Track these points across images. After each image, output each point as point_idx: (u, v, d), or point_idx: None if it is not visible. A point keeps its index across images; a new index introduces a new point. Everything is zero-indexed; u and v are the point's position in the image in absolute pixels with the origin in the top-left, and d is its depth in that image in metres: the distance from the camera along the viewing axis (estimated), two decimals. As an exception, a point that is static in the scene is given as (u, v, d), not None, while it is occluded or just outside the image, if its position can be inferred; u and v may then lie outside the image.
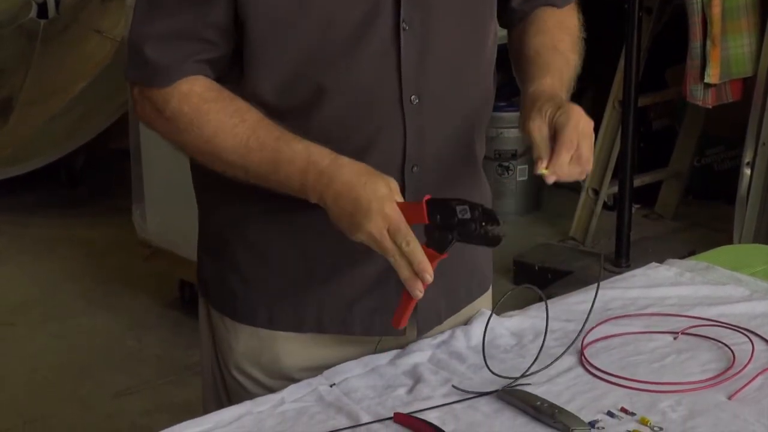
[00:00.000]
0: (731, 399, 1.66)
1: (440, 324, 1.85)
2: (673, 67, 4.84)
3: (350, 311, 1.77)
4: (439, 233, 1.58)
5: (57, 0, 5.81)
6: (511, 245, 4.64)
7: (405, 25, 1.68)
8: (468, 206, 1.56)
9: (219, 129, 1.65)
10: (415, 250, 1.56)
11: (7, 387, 3.87)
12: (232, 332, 1.82)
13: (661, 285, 2.05)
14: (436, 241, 1.58)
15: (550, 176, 1.62)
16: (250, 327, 1.80)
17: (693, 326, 1.87)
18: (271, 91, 1.68)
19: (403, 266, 1.57)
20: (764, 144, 4.32)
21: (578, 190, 4.87)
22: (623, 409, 1.63)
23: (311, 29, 1.65)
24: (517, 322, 1.89)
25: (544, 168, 1.62)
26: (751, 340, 1.82)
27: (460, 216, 1.56)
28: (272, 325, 1.79)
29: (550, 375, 1.73)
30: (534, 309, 1.95)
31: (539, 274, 4.38)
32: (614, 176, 4.55)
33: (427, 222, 1.58)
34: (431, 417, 1.62)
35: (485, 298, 1.94)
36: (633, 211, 4.48)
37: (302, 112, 1.68)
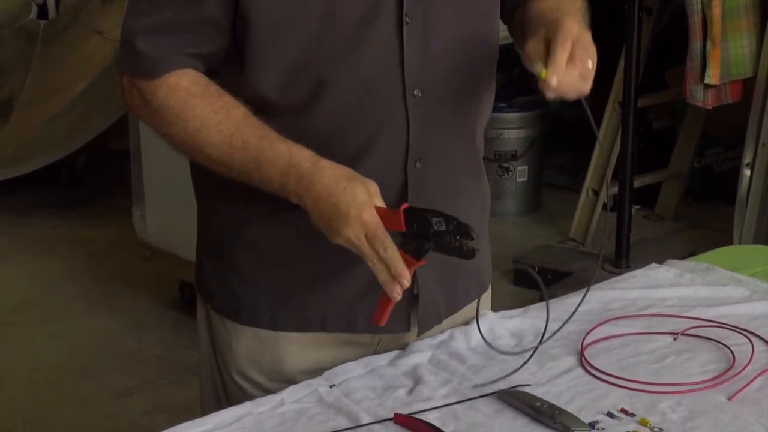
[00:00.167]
0: (731, 400, 1.66)
1: (440, 323, 1.85)
2: (673, 68, 4.84)
3: (354, 309, 1.77)
4: (416, 242, 1.59)
5: (57, 1, 5.82)
6: (511, 246, 4.65)
7: (408, 19, 1.68)
8: (443, 219, 1.57)
9: (204, 125, 1.65)
10: (393, 255, 1.57)
11: (7, 387, 3.87)
12: (232, 334, 1.81)
13: (661, 286, 2.05)
14: (413, 249, 1.59)
15: (551, 77, 1.58)
16: (252, 329, 1.79)
17: (693, 327, 1.87)
18: (273, 85, 1.68)
19: (382, 270, 1.59)
20: (764, 145, 4.32)
21: (578, 191, 4.87)
22: (623, 410, 1.63)
23: (313, 23, 1.65)
24: (518, 323, 1.90)
25: (542, 69, 1.59)
26: (750, 341, 1.82)
27: (435, 228, 1.57)
28: (275, 326, 1.78)
29: (551, 376, 1.73)
30: (534, 309, 1.96)
31: (539, 274, 4.37)
32: (614, 177, 4.55)
33: (404, 230, 1.59)
34: (431, 418, 1.62)
35: (484, 298, 1.94)
36: (633, 212, 4.48)
37: (305, 107, 1.68)
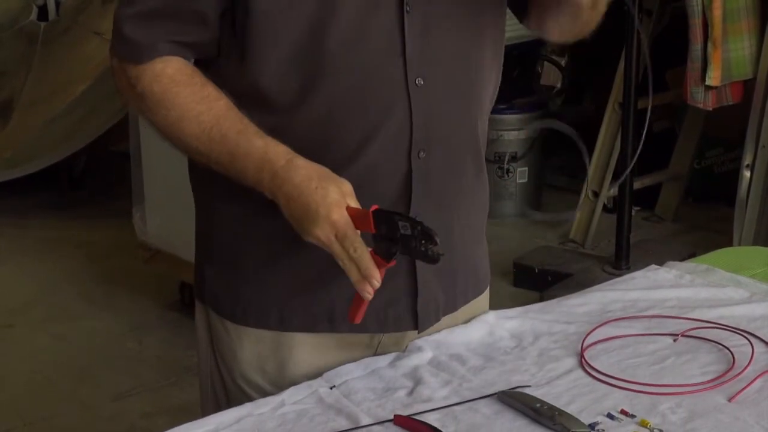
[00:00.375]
0: (731, 401, 1.66)
1: (438, 321, 1.85)
2: (673, 69, 4.84)
3: None
4: (384, 244, 1.60)
5: (57, 2, 5.82)
6: (510, 247, 4.65)
7: (408, 8, 1.69)
8: (409, 223, 1.58)
9: (184, 114, 1.67)
10: (363, 256, 1.58)
11: (7, 388, 3.87)
12: (235, 338, 1.81)
13: (661, 287, 2.05)
14: (382, 250, 1.60)
15: None
16: (256, 332, 1.79)
17: (693, 328, 1.87)
18: (273, 75, 1.68)
19: (353, 270, 1.59)
20: (764, 146, 4.32)
21: (578, 193, 4.87)
22: (623, 411, 1.63)
23: (313, 11, 1.65)
24: (517, 324, 1.90)
25: None
26: (750, 342, 1.82)
27: (401, 231, 1.58)
28: (283, 325, 1.78)
29: (550, 377, 1.73)
30: (534, 311, 1.95)
31: (539, 276, 4.38)
32: (614, 178, 4.55)
33: (373, 231, 1.60)
34: (431, 419, 1.62)
35: (483, 298, 1.94)
36: (633, 213, 4.48)
37: (305, 96, 1.68)
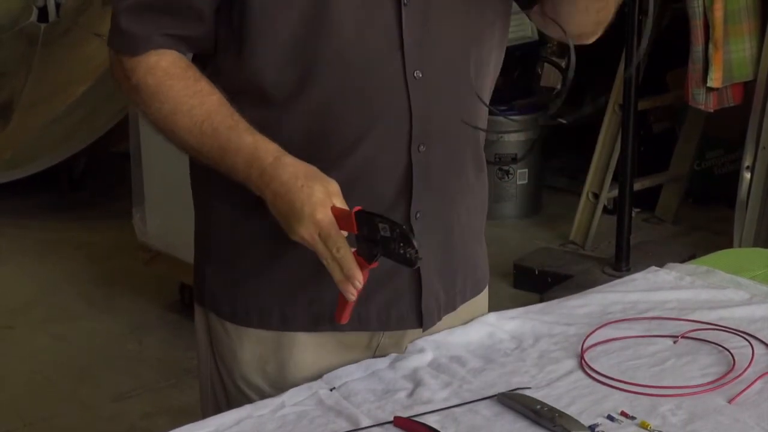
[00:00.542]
0: (731, 403, 1.65)
1: (440, 320, 1.84)
2: (674, 70, 4.84)
3: (365, 307, 1.76)
4: (366, 245, 1.60)
5: (57, 4, 5.82)
6: (511, 249, 4.65)
7: (406, 0, 1.69)
8: (389, 225, 1.58)
9: (177, 108, 1.67)
10: (346, 256, 1.58)
11: (7, 388, 3.87)
12: (235, 339, 1.80)
13: (662, 289, 2.05)
14: (364, 252, 1.60)
15: None
16: (257, 333, 1.79)
17: (693, 330, 1.87)
18: (271, 69, 1.68)
19: (336, 270, 1.60)
20: (764, 148, 4.33)
21: (578, 194, 4.87)
22: (623, 413, 1.63)
23: (310, 5, 1.65)
24: (517, 326, 1.90)
25: None
26: (751, 344, 1.82)
27: (381, 233, 1.58)
28: (286, 324, 1.78)
29: (551, 379, 1.73)
30: (534, 312, 1.95)
31: (539, 277, 4.38)
32: (614, 180, 4.55)
33: (356, 232, 1.60)
34: (431, 421, 1.61)
35: (482, 297, 1.94)
36: (633, 214, 4.48)
37: (303, 89, 1.68)
